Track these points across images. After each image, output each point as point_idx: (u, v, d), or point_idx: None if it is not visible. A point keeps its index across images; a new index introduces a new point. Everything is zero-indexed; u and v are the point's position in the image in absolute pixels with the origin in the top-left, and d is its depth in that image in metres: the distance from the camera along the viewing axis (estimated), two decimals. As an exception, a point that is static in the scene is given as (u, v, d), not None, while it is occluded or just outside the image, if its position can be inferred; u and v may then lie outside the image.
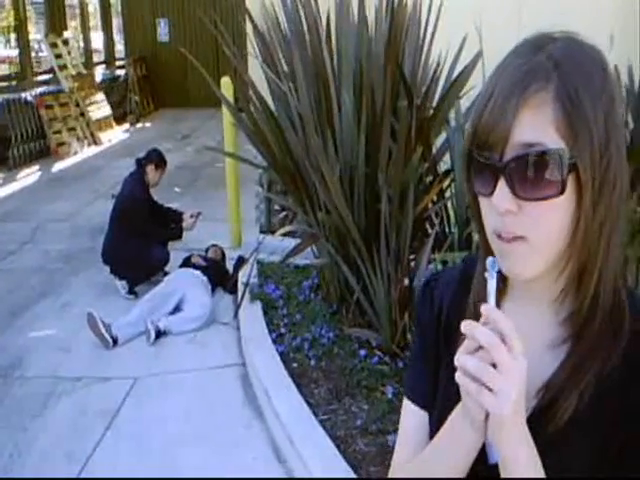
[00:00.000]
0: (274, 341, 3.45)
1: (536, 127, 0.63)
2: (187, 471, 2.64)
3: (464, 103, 3.24)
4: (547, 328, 0.74)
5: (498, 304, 0.69)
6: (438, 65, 3.15)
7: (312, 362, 3.20)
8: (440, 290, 0.86)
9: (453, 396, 0.71)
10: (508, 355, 0.62)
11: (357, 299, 3.26)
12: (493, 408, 0.62)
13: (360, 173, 2.99)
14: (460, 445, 0.71)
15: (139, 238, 4.37)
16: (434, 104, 3.15)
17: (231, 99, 4.27)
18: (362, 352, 3.18)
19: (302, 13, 3.16)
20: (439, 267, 2.88)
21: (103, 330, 3.66)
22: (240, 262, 4.42)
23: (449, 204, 3.22)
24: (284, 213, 4.31)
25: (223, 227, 5.14)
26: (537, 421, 0.69)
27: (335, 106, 2.96)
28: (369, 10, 3.08)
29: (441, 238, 3.02)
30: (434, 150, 3.23)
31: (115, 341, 3.69)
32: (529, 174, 0.63)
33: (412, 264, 3.08)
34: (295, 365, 3.21)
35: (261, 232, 4.96)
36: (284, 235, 3.87)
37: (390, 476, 0.86)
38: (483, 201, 0.69)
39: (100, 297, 4.37)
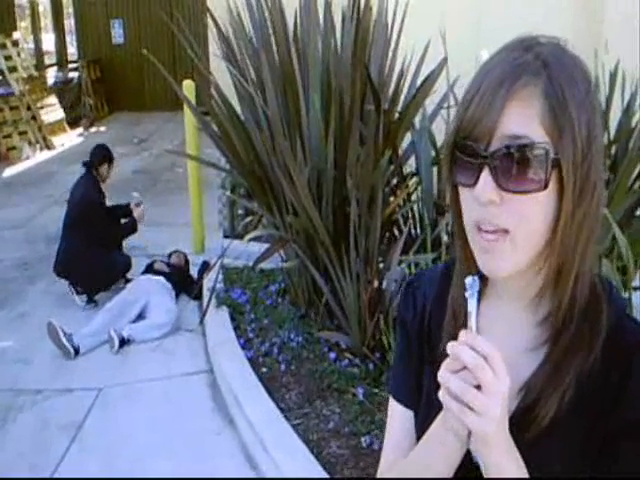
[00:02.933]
0: (242, 346, 3.41)
1: (523, 120, 0.64)
2: (158, 482, 2.58)
3: (429, 106, 3.29)
4: (525, 329, 0.74)
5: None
6: (403, 68, 3.19)
7: (282, 366, 3.18)
8: (422, 290, 0.86)
9: (436, 397, 0.71)
10: (492, 376, 0.62)
11: (326, 302, 3.26)
12: (476, 428, 0.62)
13: (328, 176, 2.99)
14: (445, 452, 0.71)
15: (98, 245, 4.23)
16: (399, 107, 3.19)
17: (193, 102, 4.20)
18: (332, 355, 3.17)
19: (268, 15, 3.14)
20: (408, 270, 2.91)
21: (64, 340, 3.54)
22: (205, 267, 4.36)
23: (415, 207, 3.26)
24: (249, 218, 4.27)
25: (185, 232, 5.06)
26: (518, 424, 0.69)
27: (303, 109, 2.95)
28: (335, 13, 3.09)
29: (407, 240, 3.05)
30: (400, 153, 3.27)
31: (77, 351, 3.57)
32: (514, 166, 0.64)
33: (381, 266, 3.10)
34: (265, 370, 3.19)
35: (225, 237, 4.90)
36: (249, 240, 3.84)
37: (378, 476, 0.86)
38: (464, 192, 0.69)
39: (59, 306, 4.23)
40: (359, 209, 2.91)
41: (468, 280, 0.67)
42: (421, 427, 0.77)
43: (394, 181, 3.32)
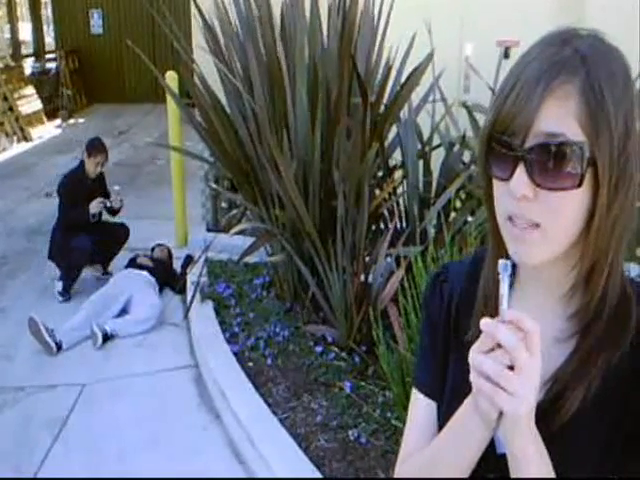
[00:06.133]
0: (228, 341, 3.39)
1: (560, 118, 0.64)
2: None
3: (414, 99, 3.29)
4: (555, 322, 0.75)
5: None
6: (389, 62, 3.18)
7: (268, 360, 3.17)
8: (450, 283, 0.86)
9: (462, 386, 0.71)
10: (528, 356, 0.62)
11: (312, 295, 3.25)
12: (509, 409, 0.63)
13: (315, 169, 2.98)
14: (469, 439, 0.71)
15: (65, 227, 4.25)
16: (385, 100, 3.18)
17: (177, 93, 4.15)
18: (318, 349, 3.17)
19: (254, 7, 3.11)
20: (396, 263, 2.91)
21: (46, 335, 3.49)
22: (188, 261, 4.33)
23: (401, 200, 3.26)
24: (233, 211, 4.24)
25: (167, 225, 5.01)
26: (544, 414, 0.69)
27: (290, 102, 2.93)
28: (322, 5, 3.07)
29: (393, 233, 3.05)
30: (385, 146, 3.26)
31: (59, 346, 3.52)
32: (549, 163, 0.64)
33: (367, 259, 3.10)
34: (251, 364, 3.17)
35: (208, 230, 4.87)
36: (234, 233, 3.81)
37: (398, 466, 0.86)
38: (498, 185, 0.69)
39: (40, 301, 4.17)
40: (346, 202, 2.90)
41: (501, 263, 0.68)
42: (445, 417, 0.77)
43: (379, 174, 3.32)
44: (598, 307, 0.71)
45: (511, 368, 0.62)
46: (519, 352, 0.62)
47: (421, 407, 0.86)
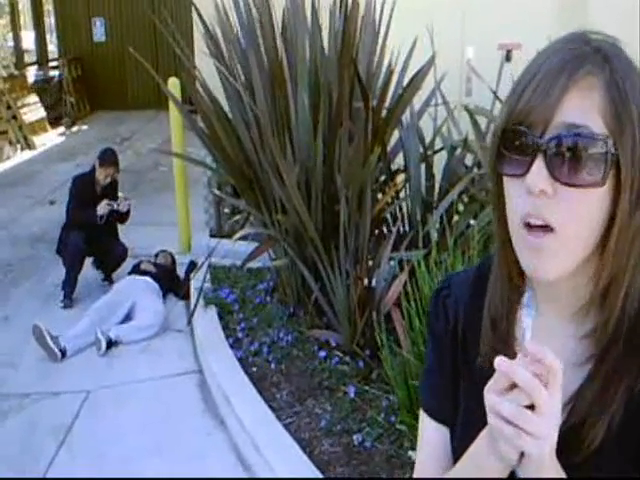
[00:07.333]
0: (231, 346, 3.39)
1: (583, 110, 0.60)
2: (149, 484, 2.56)
3: (416, 103, 3.30)
4: (570, 342, 0.70)
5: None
6: (390, 66, 3.19)
7: (272, 365, 3.17)
8: (454, 297, 0.81)
9: (476, 412, 0.67)
10: (547, 395, 0.58)
11: (315, 300, 3.25)
12: (532, 450, 0.59)
13: (317, 174, 2.98)
14: (487, 475, 0.67)
15: (67, 223, 4.33)
16: (387, 104, 3.19)
17: (179, 100, 4.17)
18: (322, 353, 3.17)
19: (255, 13, 3.12)
20: (398, 267, 2.91)
21: (50, 342, 3.49)
22: (192, 267, 4.33)
23: (404, 204, 3.27)
24: (237, 217, 4.25)
25: (170, 232, 5.02)
26: (565, 445, 0.63)
27: (292, 107, 2.94)
28: (324, 10, 3.09)
29: (396, 237, 3.05)
30: (388, 150, 3.27)
31: (64, 353, 3.53)
32: (571, 156, 0.60)
33: (370, 263, 3.10)
34: (255, 369, 3.17)
35: (211, 236, 4.87)
36: (237, 239, 3.82)
37: None
38: (512, 183, 0.64)
39: (44, 308, 4.18)
40: (348, 207, 2.91)
41: (527, 296, 0.65)
42: (460, 445, 0.73)
43: (382, 178, 3.33)
44: (616, 327, 0.66)
45: (530, 407, 0.58)
46: (538, 392, 0.57)
47: (433, 432, 0.81)
